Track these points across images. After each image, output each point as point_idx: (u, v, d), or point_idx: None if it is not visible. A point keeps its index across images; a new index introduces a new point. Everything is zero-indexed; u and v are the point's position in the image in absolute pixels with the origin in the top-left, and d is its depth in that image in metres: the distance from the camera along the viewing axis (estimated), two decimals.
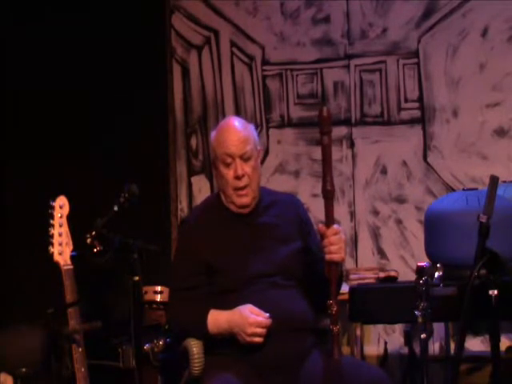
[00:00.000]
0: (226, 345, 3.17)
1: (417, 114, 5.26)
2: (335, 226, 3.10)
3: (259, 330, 3.08)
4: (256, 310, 3.11)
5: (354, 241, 5.28)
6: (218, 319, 3.17)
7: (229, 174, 3.25)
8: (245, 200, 3.27)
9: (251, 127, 3.35)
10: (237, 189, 3.25)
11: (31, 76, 5.50)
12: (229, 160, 3.25)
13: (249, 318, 3.08)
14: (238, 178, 3.24)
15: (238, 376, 3.03)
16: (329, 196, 3.09)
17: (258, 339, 3.09)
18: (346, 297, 3.93)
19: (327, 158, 3.09)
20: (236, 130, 3.28)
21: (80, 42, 5.45)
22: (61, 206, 3.31)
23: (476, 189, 4.28)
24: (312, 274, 3.25)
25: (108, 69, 5.46)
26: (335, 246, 3.07)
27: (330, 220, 3.10)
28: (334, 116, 5.33)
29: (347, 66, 5.36)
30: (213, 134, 3.34)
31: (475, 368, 4.79)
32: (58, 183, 4.80)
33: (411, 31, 5.26)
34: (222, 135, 3.29)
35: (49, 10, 5.49)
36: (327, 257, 3.08)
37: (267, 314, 3.10)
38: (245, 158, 3.25)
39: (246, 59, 5.53)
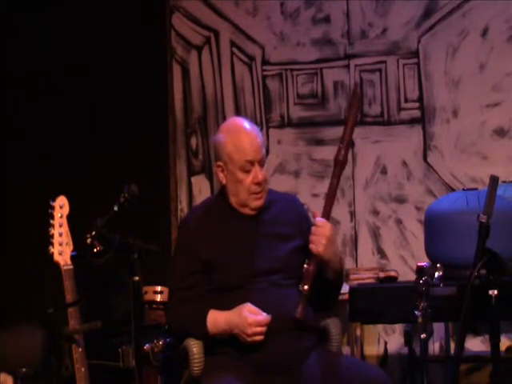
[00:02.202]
0: (225, 345, 3.17)
1: (417, 113, 5.26)
2: (320, 220, 3.17)
3: (259, 329, 3.08)
4: (254, 308, 3.10)
5: (354, 241, 5.28)
6: (217, 320, 3.16)
7: (247, 179, 3.23)
8: (259, 202, 3.27)
9: (258, 128, 3.34)
10: (254, 193, 3.25)
11: (32, 76, 5.51)
12: (248, 167, 3.22)
13: (248, 319, 3.08)
14: (259, 184, 3.23)
15: (237, 376, 3.03)
16: (338, 166, 3.23)
17: (259, 338, 3.09)
18: (346, 297, 3.93)
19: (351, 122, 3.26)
20: (253, 136, 3.24)
21: (80, 41, 5.46)
22: (61, 206, 3.31)
23: (476, 189, 4.27)
24: None
25: (108, 69, 5.46)
26: (314, 237, 3.15)
27: (326, 211, 3.22)
28: (334, 116, 5.36)
29: (347, 66, 5.36)
30: (224, 138, 3.26)
31: (475, 368, 4.79)
32: (58, 183, 4.79)
33: (411, 31, 5.26)
34: (240, 141, 3.22)
35: (48, 10, 5.49)
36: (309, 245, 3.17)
37: (265, 314, 3.10)
38: (262, 163, 3.25)
39: (246, 59, 5.53)
